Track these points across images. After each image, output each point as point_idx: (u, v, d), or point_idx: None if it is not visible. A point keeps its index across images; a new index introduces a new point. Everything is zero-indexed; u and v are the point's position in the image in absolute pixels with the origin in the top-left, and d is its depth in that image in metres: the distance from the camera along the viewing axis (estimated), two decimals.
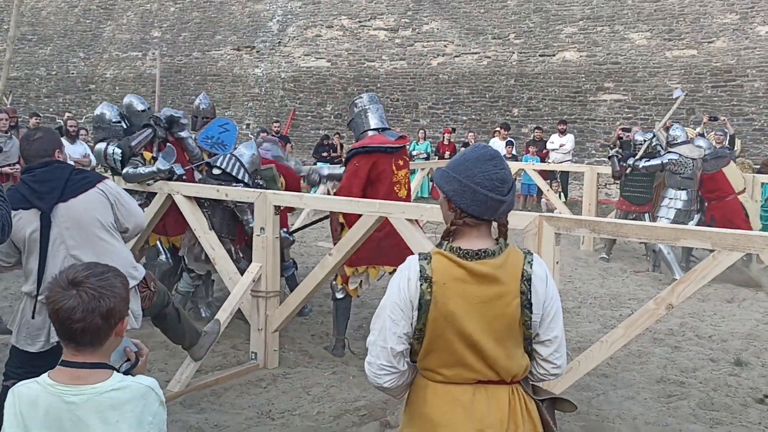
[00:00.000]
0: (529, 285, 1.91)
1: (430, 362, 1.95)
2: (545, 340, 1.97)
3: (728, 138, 10.34)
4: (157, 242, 5.87)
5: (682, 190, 7.81)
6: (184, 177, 5.46)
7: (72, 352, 1.78)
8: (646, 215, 8.66)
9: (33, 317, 3.25)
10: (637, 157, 8.29)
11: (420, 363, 1.98)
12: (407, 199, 5.00)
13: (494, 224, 1.99)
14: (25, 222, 3.23)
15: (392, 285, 1.96)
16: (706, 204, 8.09)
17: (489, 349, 1.89)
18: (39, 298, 3.22)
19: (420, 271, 1.90)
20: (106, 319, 1.76)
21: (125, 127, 5.68)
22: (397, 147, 4.94)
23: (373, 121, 5.08)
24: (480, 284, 1.88)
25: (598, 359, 3.63)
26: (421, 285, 1.89)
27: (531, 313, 1.91)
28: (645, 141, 8.29)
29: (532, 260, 1.95)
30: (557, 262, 3.68)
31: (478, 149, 1.99)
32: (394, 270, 4.66)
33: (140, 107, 5.76)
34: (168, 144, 5.78)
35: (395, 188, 4.91)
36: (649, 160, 8.09)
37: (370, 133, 5.05)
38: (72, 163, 3.99)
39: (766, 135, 13.63)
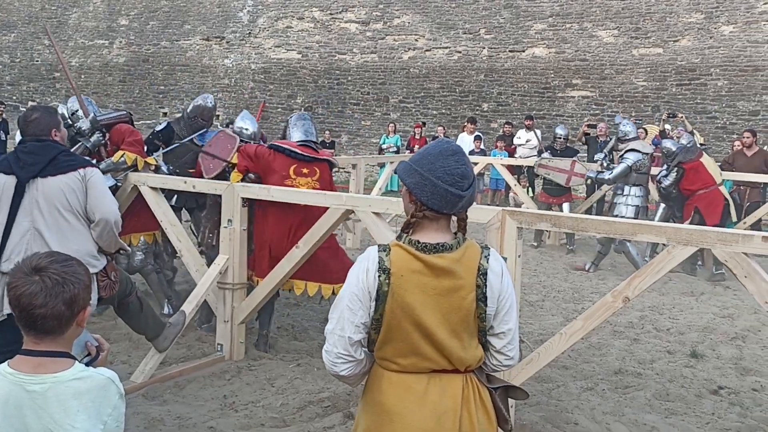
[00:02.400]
0: (485, 279, 1.95)
1: (387, 352, 1.99)
2: (499, 333, 2.02)
3: (686, 135, 10.55)
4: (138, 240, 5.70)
5: (637, 186, 7.90)
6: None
7: (33, 340, 1.78)
8: (565, 205, 9.24)
9: None
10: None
11: (377, 352, 2.02)
12: (303, 210, 4.80)
13: (454, 218, 2.04)
14: (2, 185, 3.42)
15: (351, 275, 1.99)
16: (688, 197, 8.03)
17: (444, 340, 1.93)
18: (1, 268, 3.30)
19: (379, 263, 1.94)
20: (69, 306, 1.76)
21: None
22: (300, 154, 4.92)
23: (296, 135, 5.19)
24: (437, 277, 1.92)
25: (558, 351, 3.70)
26: (379, 276, 1.92)
27: (486, 306, 1.96)
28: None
29: (488, 255, 2.00)
30: (519, 256, 3.74)
31: (441, 144, 2.03)
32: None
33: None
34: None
35: None
36: (611, 172, 8.13)
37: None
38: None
39: (729, 133, 13.95)
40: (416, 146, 14.11)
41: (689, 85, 14.71)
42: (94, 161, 5.23)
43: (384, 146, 14.53)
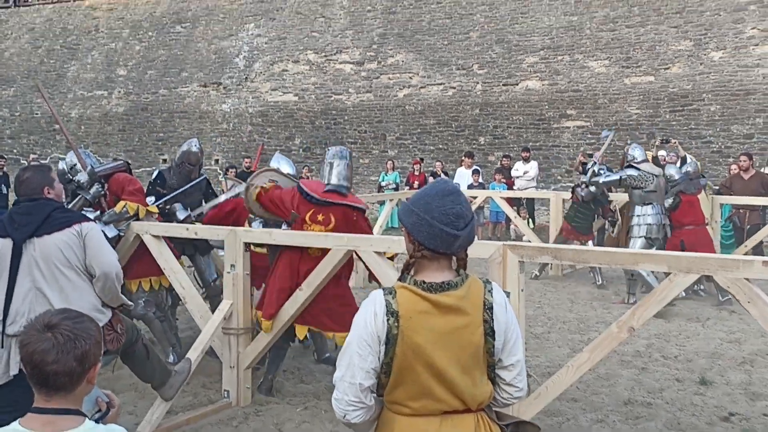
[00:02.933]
0: (491, 313, 1.97)
1: (398, 395, 1.97)
2: (508, 365, 2.03)
3: (680, 160, 10.61)
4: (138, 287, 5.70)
5: (647, 204, 7.83)
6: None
7: (44, 398, 1.79)
8: (590, 243, 8.89)
9: (1, 346, 3.28)
10: (585, 179, 8.52)
11: (387, 396, 2.00)
12: (318, 258, 4.62)
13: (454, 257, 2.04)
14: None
15: (358, 320, 1.98)
16: (675, 229, 8.03)
17: (455, 378, 1.92)
18: (5, 330, 3.30)
19: (386, 306, 1.93)
20: (81, 362, 1.77)
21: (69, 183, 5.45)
22: (317, 199, 4.80)
23: (333, 179, 4.96)
24: (445, 316, 1.93)
25: (566, 384, 3.70)
26: (387, 320, 1.92)
27: (494, 340, 1.97)
28: (589, 168, 8.62)
29: (492, 289, 2.02)
30: (522, 290, 3.75)
31: (438, 184, 2.05)
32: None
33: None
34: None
35: None
36: (608, 176, 8.24)
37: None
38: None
39: (724, 157, 14.03)
40: (415, 182, 14.20)
41: (682, 111, 14.86)
42: (97, 213, 5.29)
43: (383, 183, 14.62)
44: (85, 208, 5.30)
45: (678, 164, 10.22)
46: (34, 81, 21.44)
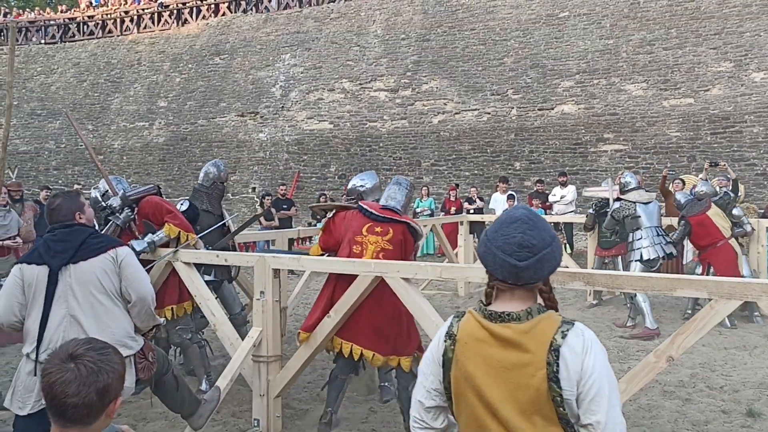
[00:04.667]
0: (557, 356, 1.74)
1: (461, 425, 1.87)
2: (586, 424, 1.75)
3: (731, 183, 10.38)
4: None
5: (636, 230, 7.79)
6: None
7: (60, 429, 1.76)
8: (619, 258, 8.78)
9: (35, 374, 3.28)
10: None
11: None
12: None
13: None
14: (36, 276, 3.40)
15: (434, 339, 1.96)
16: (700, 253, 8.05)
17: (511, 420, 1.76)
18: (39, 358, 3.29)
19: (448, 328, 1.88)
20: (101, 396, 1.74)
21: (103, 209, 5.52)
22: (377, 215, 4.73)
23: (383, 201, 4.96)
24: (502, 348, 1.78)
25: None
26: (445, 341, 1.87)
27: (560, 389, 1.73)
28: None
29: (567, 331, 1.77)
30: None
31: (512, 210, 1.92)
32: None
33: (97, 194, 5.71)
34: None
35: (354, 247, 4.67)
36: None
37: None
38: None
39: None
40: (452, 208, 14.11)
41: (724, 134, 14.51)
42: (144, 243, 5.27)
43: (418, 210, 14.55)
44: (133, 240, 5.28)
45: (730, 187, 10.03)
46: (79, 113, 22.13)
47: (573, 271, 3.73)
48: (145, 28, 24.04)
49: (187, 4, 23.71)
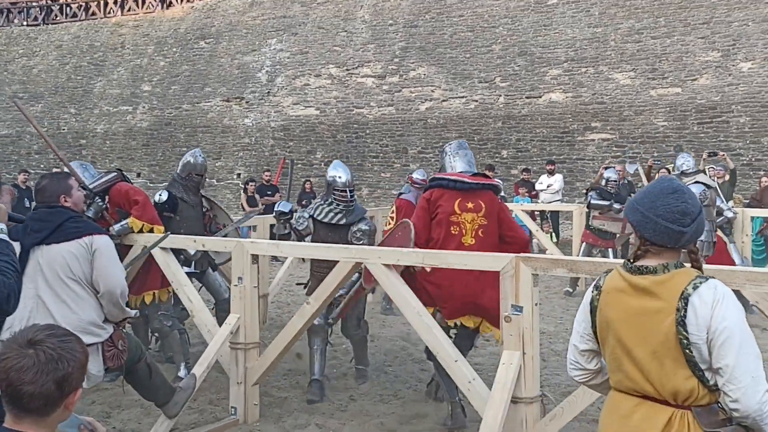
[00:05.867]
0: (686, 304, 1.94)
1: (607, 365, 2.16)
2: (717, 368, 1.94)
3: (729, 172, 10.41)
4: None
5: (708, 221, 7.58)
6: None
7: (14, 418, 1.65)
8: (610, 251, 8.72)
9: None
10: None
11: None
12: (473, 249, 4.30)
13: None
14: None
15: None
16: None
17: (642, 360, 1.99)
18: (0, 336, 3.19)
19: (597, 281, 2.18)
20: (60, 386, 1.63)
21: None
22: (467, 183, 4.43)
23: (459, 165, 4.65)
24: (638, 296, 2.02)
25: (583, 405, 3.49)
26: (592, 292, 2.16)
27: (687, 333, 1.93)
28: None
29: (700, 284, 1.96)
30: (537, 304, 3.57)
31: (662, 182, 2.14)
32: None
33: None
34: None
35: (452, 228, 4.36)
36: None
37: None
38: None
39: (755, 169, 13.64)
40: None
41: (711, 123, 14.51)
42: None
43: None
44: None
45: (727, 177, 10.02)
46: (61, 97, 21.81)
47: (556, 258, 3.66)
48: (129, 10, 23.66)
49: None
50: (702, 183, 7.68)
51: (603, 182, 9.01)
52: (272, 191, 13.81)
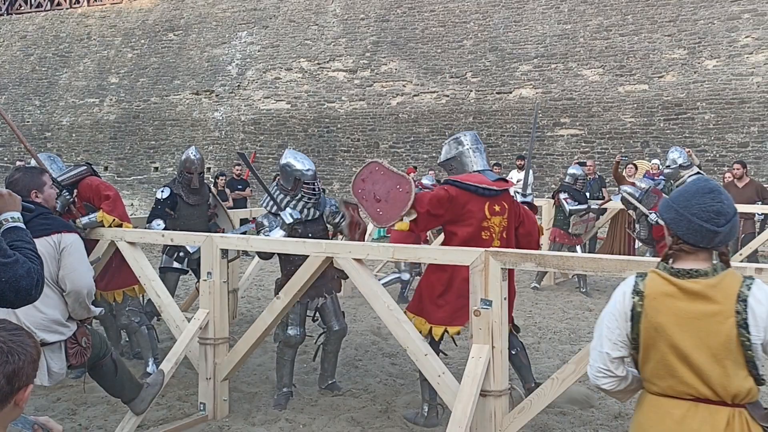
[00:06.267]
0: (745, 306, 1.96)
1: (647, 372, 2.10)
2: None
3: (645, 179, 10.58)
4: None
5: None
6: None
7: None
8: (578, 248, 8.82)
9: None
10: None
11: (640, 373, 2.15)
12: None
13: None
14: None
15: (612, 298, 2.18)
16: (658, 244, 8.15)
17: (703, 365, 1.97)
18: None
19: (633, 286, 2.11)
20: (9, 380, 1.59)
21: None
22: (496, 190, 4.36)
23: (478, 164, 4.50)
24: (691, 301, 2.00)
25: (551, 397, 3.53)
26: (633, 298, 2.09)
27: (749, 334, 1.96)
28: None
29: (751, 284, 2.01)
30: (505, 298, 3.60)
31: (698, 182, 2.14)
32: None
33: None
34: None
35: (483, 234, 4.26)
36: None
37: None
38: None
39: (719, 165, 13.93)
40: None
41: (677, 120, 14.76)
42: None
43: None
44: None
45: (694, 171, 10.18)
46: (25, 89, 21.34)
47: (525, 252, 3.69)
48: (95, 1, 23.22)
49: None
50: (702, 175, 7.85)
51: (569, 179, 9.06)
52: (243, 185, 13.71)
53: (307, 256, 4.23)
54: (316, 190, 5.02)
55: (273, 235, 4.78)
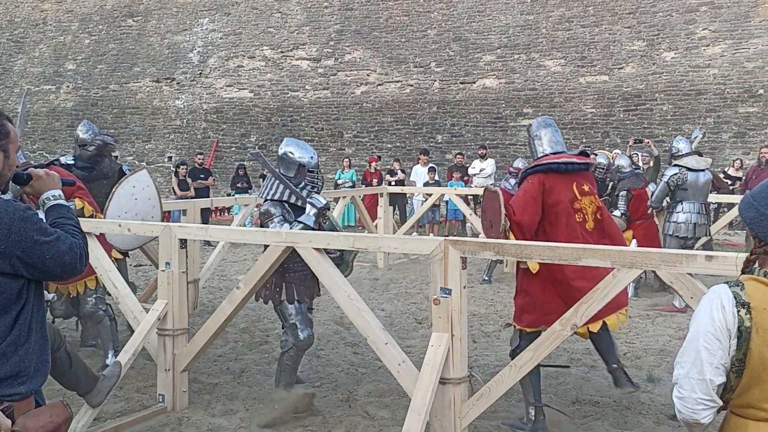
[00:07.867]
0: None
1: (752, 397, 1.81)
2: None
3: (653, 159, 10.77)
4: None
5: (680, 202, 7.61)
6: None
7: None
8: None
9: None
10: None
11: (737, 399, 1.85)
12: (594, 233, 4.06)
13: None
14: None
15: (700, 316, 1.85)
16: (628, 225, 8.08)
17: None
18: None
19: (735, 298, 1.80)
20: None
21: None
22: (579, 164, 4.10)
23: (546, 146, 4.31)
24: None
25: (509, 383, 3.58)
26: (738, 312, 1.79)
27: None
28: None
29: None
30: (465, 287, 3.62)
31: None
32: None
33: None
34: None
35: (576, 216, 4.03)
36: (653, 193, 8.08)
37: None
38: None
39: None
40: (373, 180, 14.05)
41: (636, 111, 15.02)
42: None
43: (339, 181, 14.43)
44: None
45: (651, 164, 10.33)
46: None
47: (484, 241, 3.72)
48: None
49: None
50: (682, 166, 7.66)
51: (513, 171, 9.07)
52: (205, 175, 13.54)
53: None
54: (319, 178, 4.90)
55: (305, 221, 4.45)
